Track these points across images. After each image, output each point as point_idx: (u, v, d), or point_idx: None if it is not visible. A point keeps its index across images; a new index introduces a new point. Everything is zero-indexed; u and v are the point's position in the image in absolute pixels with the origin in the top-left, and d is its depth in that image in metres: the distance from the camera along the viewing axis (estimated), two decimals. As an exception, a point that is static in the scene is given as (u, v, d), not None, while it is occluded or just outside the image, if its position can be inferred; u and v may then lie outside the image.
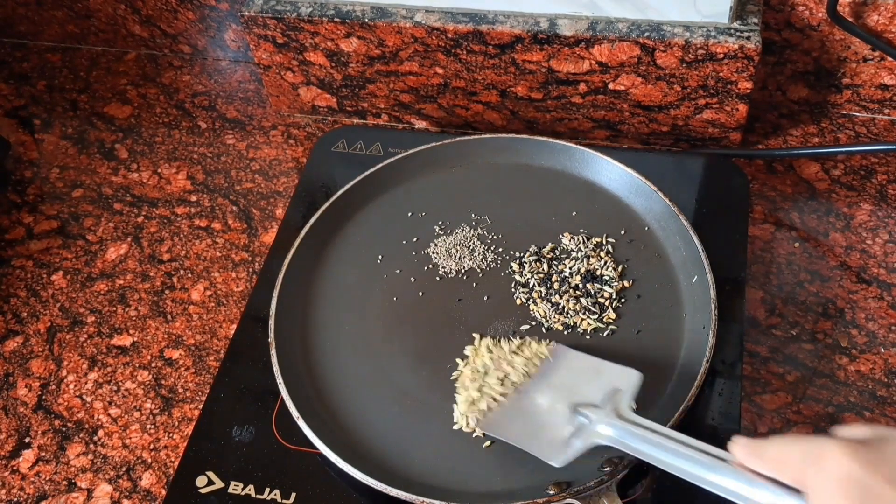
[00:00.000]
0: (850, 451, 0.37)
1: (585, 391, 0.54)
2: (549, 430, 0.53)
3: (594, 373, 0.56)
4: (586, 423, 0.52)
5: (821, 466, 0.37)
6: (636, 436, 0.49)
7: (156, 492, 0.61)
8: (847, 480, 0.36)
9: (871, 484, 0.36)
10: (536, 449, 0.53)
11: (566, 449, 0.52)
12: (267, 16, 0.78)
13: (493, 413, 0.57)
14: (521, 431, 0.55)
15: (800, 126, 0.80)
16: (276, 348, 0.61)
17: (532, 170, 0.73)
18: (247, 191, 0.80)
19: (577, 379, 0.56)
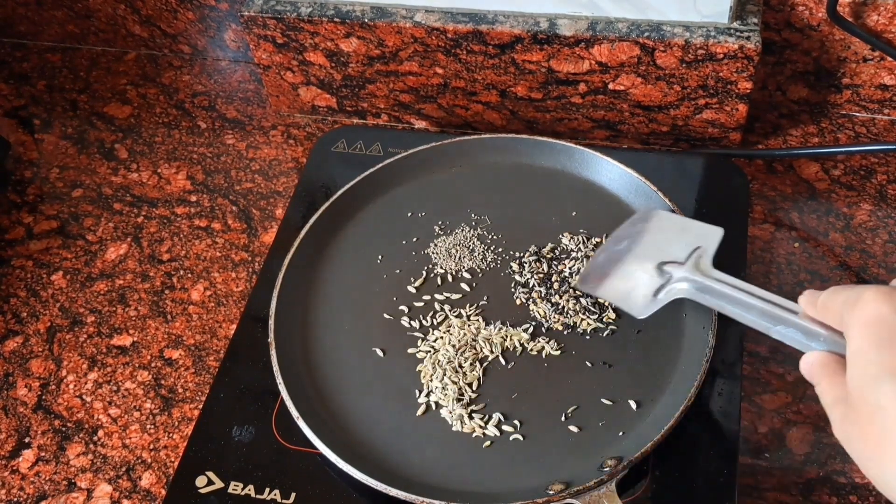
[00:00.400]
0: (882, 295, 0.39)
1: (671, 250, 0.57)
2: (636, 287, 0.57)
3: (680, 231, 0.59)
4: (668, 280, 0.56)
5: (855, 308, 0.40)
6: (712, 289, 0.52)
7: (156, 492, 0.61)
8: (874, 320, 0.39)
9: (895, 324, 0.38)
10: (624, 304, 0.58)
11: (651, 303, 0.56)
12: (267, 16, 0.79)
13: (591, 263, 0.62)
14: (612, 287, 0.59)
15: (800, 126, 0.80)
16: (276, 348, 0.61)
17: (532, 170, 0.73)
18: (247, 191, 0.80)
19: (665, 238, 0.59)
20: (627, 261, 0.59)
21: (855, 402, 0.39)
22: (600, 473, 0.53)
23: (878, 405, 0.37)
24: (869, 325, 0.39)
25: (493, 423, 0.58)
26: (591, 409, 0.58)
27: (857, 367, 0.39)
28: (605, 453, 0.55)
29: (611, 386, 0.59)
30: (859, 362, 0.39)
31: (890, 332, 0.38)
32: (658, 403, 0.58)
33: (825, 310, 0.44)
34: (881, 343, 0.38)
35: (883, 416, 0.37)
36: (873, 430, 0.38)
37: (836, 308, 0.43)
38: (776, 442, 0.60)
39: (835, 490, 0.57)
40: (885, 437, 0.37)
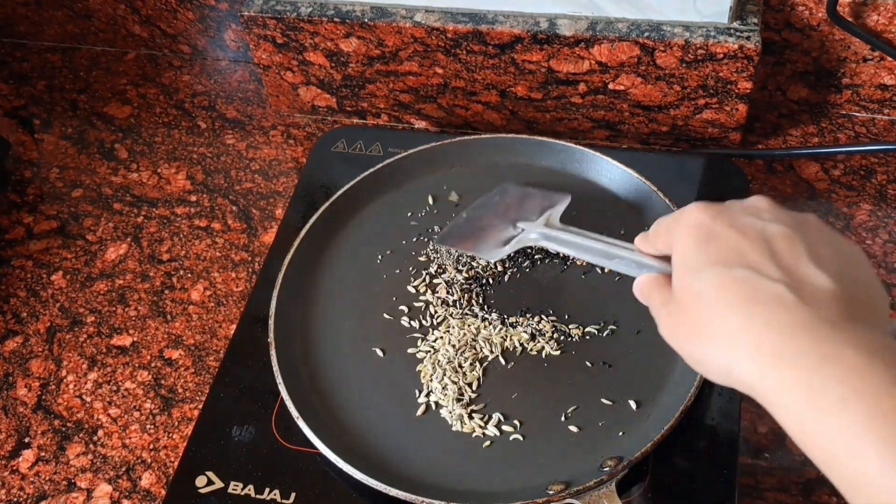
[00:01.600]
0: (701, 206, 0.44)
1: (524, 210, 0.63)
2: (491, 237, 0.62)
3: (534, 197, 0.64)
4: (521, 232, 0.61)
5: (678, 221, 0.45)
6: (556, 237, 0.58)
7: (155, 492, 0.61)
8: (696, 226, 0.44)
9: (713, 226, 0.43)
10: (477, 251, 0.63)
11: (502, 249, 0.61)
12: (267, 16, 0.79)
13: (449, 226, 0.67)
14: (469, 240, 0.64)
15: (800, 126, 0.80)
16: (275, 348, 0.61)
17: (532, 170, 0.73)
18: (246, 191, 0.80)
19: (518, 201, 0.65)
20: (485, 220, 0.64)
21: (678, 296, 0.44)
22: (600, 473, 0.53)
23: (698, 293, 0.42)
24: (690, 230, 0.44)
25: (493, 423, 0.58)
26: (591, 409, 0.58)
27: (680, 266, 0.44)
28: (605, 453, 0.55)
29: (611, 386, 0.59)
30: (683, 263, 0.44)
31: (708, 233, 0.43)
32: (658, 403, 0.58)
33: (655, 237, 0.48)
34: (700, 242, 0.43)
35: (701, 301, 0.41)
36: (692, 316, 0.42)
37: (663, 230, 0.47)
38: (776, 442, 0.60)
39: (835, 490, 0.57)
40: (702, 319, 0.41)
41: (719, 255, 0.42)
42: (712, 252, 0.42)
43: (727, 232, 0.42)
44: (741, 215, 0.43)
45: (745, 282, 0.40)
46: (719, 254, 0.42)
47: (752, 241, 0.42)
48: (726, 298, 0.40)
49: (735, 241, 0.42)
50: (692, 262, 0.43)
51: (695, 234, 0.43)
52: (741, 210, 0.44)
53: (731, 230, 0.42)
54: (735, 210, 0.44)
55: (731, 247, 0.42)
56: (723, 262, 0.41)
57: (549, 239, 0.58)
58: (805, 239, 0.42)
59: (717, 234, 0.43)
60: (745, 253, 0.41)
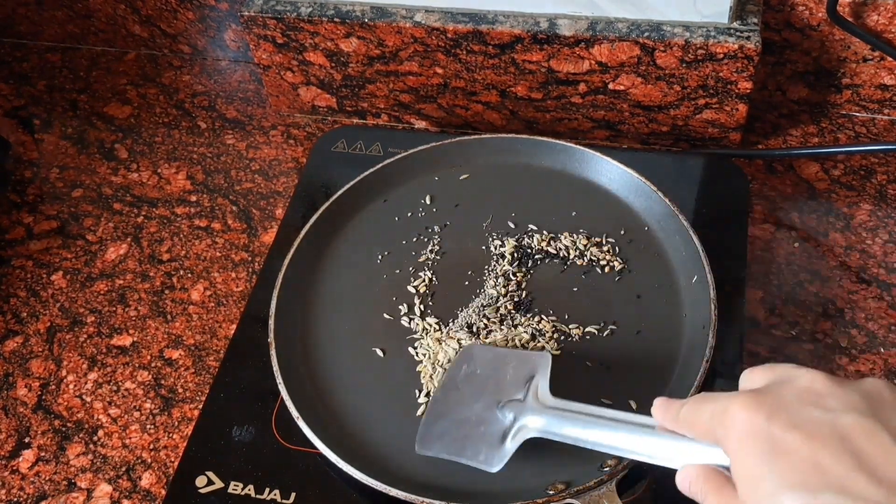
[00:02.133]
0: (750, 404, 0.38)
1: (503, 386, 0.54)
2: (479, 437, 0.53)
3: (505, 363, 0.55)
4: (512, 421, 0.52)
5: (726, 425, 0.39)
6: (562, 420, 0.50)
7: (155, 492, 0.61)
8: (751, 434, 0.37)
9: (773, 433, 0.36)
10: (473, 458, 0.53)
11: (500, 452, 0.52)
12: (267, 16, 0.79)
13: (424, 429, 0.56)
14: (454, 445, 0.54)
15: (800, 126, 0.80)
16: (275, 348, 0.61)
17: (532, 170, 0.73)
18: (247, 191, 0.80)
19: (493, 374, 0.55)
20: (462, 410, 0.54)
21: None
22: (600, 473, 0.53)
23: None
24: (746, 439, 0.37)
25: (493, 423, 0.58)
26: (591, 409, 0.58)
27: (749, 487, 0.37)
28: (606, 453, 0.55)
29: (611, 386, 0.59)
30: (750, 482, 0.37)
31: (769, 443, 0.37)
32: (658, 403, 0.58)
33: (690, 425, 0.42)
34: (764, 456, 0.37)
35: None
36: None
37: (704, 424, 0.41)
38: (776, 442, 0.60)
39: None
40: None
41: (795, 475, 0.35)
42: (784, 470, 0.35)
43: (792, 438, 0.36)
44: (800, 408, 0.37)
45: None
46: (794, 473, 0.35)
47: (828, 445, 0.35)
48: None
49: (807, 450, 0.35)
50: (763, 485, 0.36)
51: (754, 445, 0.37)
52: (797, 399, 0.37)
53: (796, 435, 0.36)
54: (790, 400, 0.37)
55: (806, 460, 0.35)
56: (803, 486, 0.35)
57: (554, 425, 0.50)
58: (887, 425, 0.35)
59: (781, 444, 0.36)
60: (825, 467, 0.35)
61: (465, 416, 0.54)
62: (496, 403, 0.54)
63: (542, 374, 0.54)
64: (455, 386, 0.56)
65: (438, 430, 0.55)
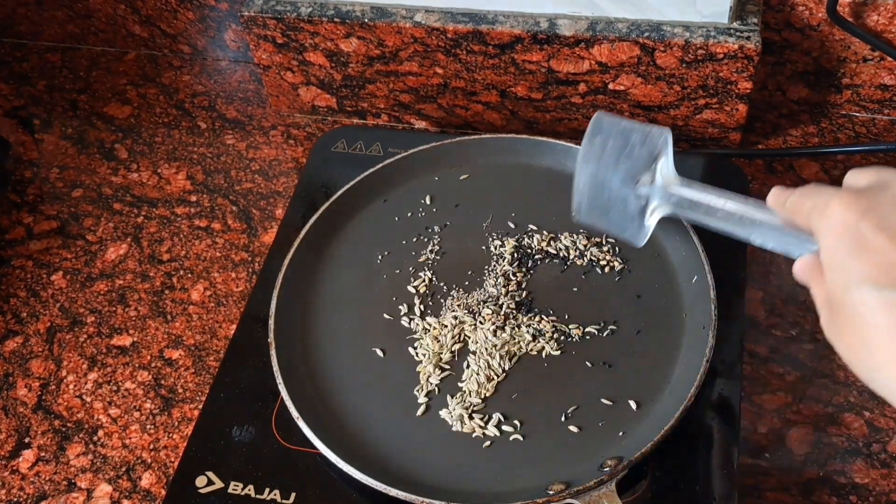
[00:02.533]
0: (848, 201, 0.42)
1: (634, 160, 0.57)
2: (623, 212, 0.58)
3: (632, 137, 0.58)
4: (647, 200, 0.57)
5: (823, 215, 0.43)
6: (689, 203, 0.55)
7: (155, 492, 0.61)
8: (842, 228, 0.41)
9: (861, 231, 0.41)
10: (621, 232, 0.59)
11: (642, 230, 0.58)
12: (267, 16, 0.79)
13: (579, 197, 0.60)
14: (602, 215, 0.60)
15: (800, 126, 0.80)
16: (275, 348, 0.61)
17: (532, 170, 0.73)
18: (247, 191, 0.80)
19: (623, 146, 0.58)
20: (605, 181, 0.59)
21: (835, 306, 0.42)
22: (600, 473, 0.53)
23: (853, 311, 0.40)
24: (837, 231, 0.42)
25: (493, 423, 0.58)
26: (591, 409, 0.58)
27: (831, 274, 0.42)
28: (605, 453, 0.55)
29: (611, 386, 0.59)
30: (834, 270, 0.42)
31: (857, 240, 0.41)
32: (658, 403, 0.58)
33: (794, 213, 0.47)
34: (850, 251, 0.41)
35: (859, 321, 0.40)
36: (852, 333, 0.41)
37: (805, 212, 0.45)
38: (776, 442, 0.60)
39: (835, 490, 0.57)
40: (862, 339, 0.40)
41: (870, 269, 0.40)
42: (864, 265, 0.40)
43: (877, 239, 0.40)
44: (891, 212, 0.41)
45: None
46: (870, 268, 0.40)
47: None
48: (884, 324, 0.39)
49: (887, 250, 0.39)
50: (843, 273, 0.41)
51: (842, 239, 0.41)
52: (892, 203, 0.41)
53: (881, 236, 0.40)
54: (884, 204, 0.41)
55: (883, 258, 0.40)
56: (875, 280, 0.39)
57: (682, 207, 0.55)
58: None
59: (866, 242, 0.40)
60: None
61: (609, 187, 0.59)
62: (632, 179, 0.57)
63: (666, 153, 0.57)
64: (592, 156, 0.59)
65: (587, 199, 0.60)
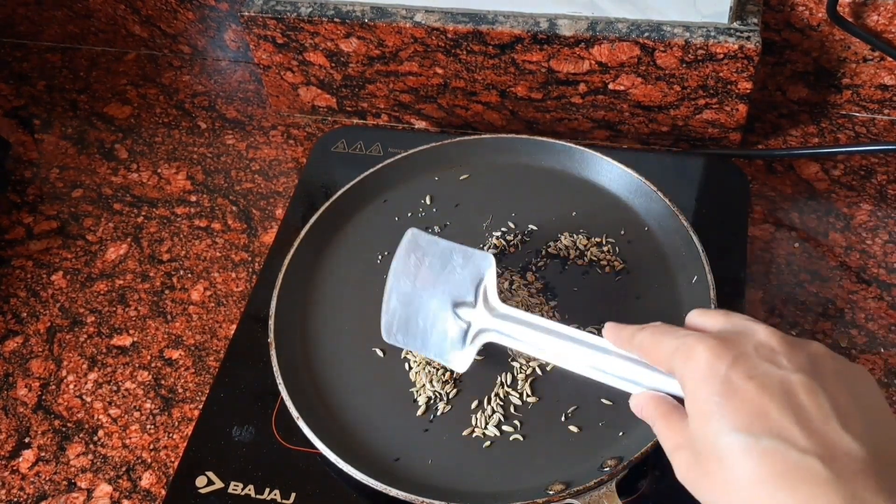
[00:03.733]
0: (714, 347, 0.42)
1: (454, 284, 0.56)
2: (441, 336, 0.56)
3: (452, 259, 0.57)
4: (468, 325, 0.56)
5: (689, 361, 0.43)
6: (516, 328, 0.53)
7: (156, 492, 0.61)
8: (711, 376, 0.42)
9: (731, 378, 0.41)
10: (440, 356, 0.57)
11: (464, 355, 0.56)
12: (267, 16, 0.79)
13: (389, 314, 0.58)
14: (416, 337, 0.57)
15: (800, 126, 0.80)
16: (275, 348, 0.61)
17: (532, 170, 0.73)
18: (247, 191, 0.80)
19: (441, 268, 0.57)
20: (421, 302, 0.57)
21: (701, 452, 0.41)
22: (600, 473, 0.53)
23: (723, 458, 0.40)
24: (705, 377, 0.42)
25: (493, 424, 0.58)
26: (591, 409, 0.58)
27: (699, 420, 0.42)
28: (605, 453, 0.55)
29: (611, 386, 0.59)
30: (702, 417, 0.41)
31: (726, 386, 0.41)
32: (658, 403, 0.58)
33: (646, 352, 0.46)
34: (720, 398, 0.41)
35: (727, 468, 0.40)
36: (717, 479, 0.40)
37: (664, 355, 0.45)
38: (776, 442, 0.60)
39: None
40: (728, 486, 0.39)
41: (742, 417, 0.40)
42: (734, 413, 0.40)
43: (747, 387, 0.40)
44: (758, 362, 0.41)
45: (774, 454, 0.38)
46: (742, 416, 0.40)
47: (775, 398, 0.40)
48: (755, 471, 0.38)
49: (757, 399, 0.40)
50: (714, 422, 0.41)
51: (712, 386, 0.41)
52: (756, 354, 0.42)
53: (750, 385, 0.40)
54: (750, 355, 0.42)
55: (755, 408, 0.40)
56: (748, 428, 0.39)
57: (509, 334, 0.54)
58: (826, 389, 0.40)
59: (736, 391, 0.41)
60: (769, 415, 0.39)
61: (423, 308, 0.57)
62: (450, 303, 0.56)
63: (489, 277, 0.56)
64: (407, 273, 0.58)
65: (399, 319, 0.58)
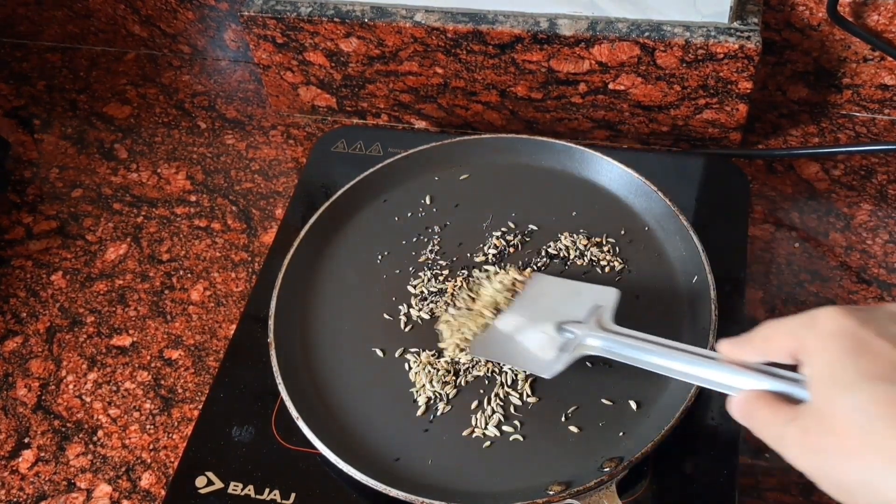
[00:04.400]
0: (843, 309, 0.40)
1: (568, 310, 0.56)
2: (537, 348, 0.56)
3: (575, 294, 0.58)
4: (572, 338, 0.55)
5: (815, 326, 0.41)
6: (621, 343, 0.52)
7: (155, 492, 0.61)
8: (840, 333, 0.39)
9: (862, 335, 0.39)
10: (525, 364, 0.56)
11: (556, 362, 0.54)
12: (266, 16, 0.78)
13: (480, 336, 0.59)
14: (510, 350, 0.57)
15: (800, 126, 0.80)
16: (275, 348, 0.61)
17: (532, 170, 0.73)
18: (246, 191, 0.80)
19: (559, 300, 0.58)
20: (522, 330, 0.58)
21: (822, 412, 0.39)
22: (600, 474, 0.53)
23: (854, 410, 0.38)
24: (833, 338, 0.40)
25: (493, 424, 0.58)
26: (591, 409, 0.58)
27: (825, 378, 0.40)
28: (605, 453, 0.55)
29: (611, 386, 0.59)
30: (830, 371, 0.39)
31: (857, 343, 0.39)
32: (658, 403, 0.58)
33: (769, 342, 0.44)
34: (849, 352, 0.39)
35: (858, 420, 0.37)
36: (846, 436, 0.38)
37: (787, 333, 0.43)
38: (776, 442, 0.60)
39: (835, 490, 0.57)
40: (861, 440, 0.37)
41: (876, 369, 0.38)
42: (867, 365, 0.38)
43: (880, 343, 0.39)
44: (889, 324, 0.40)
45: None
46: (876, 368, 0.38)
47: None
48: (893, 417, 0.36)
49: (891, 352, 0.38)
50: (842, 375, 0.39)
51: (841, 344, 0.39)
52: (888, 318, 0.40)
53: (883, 341, 0.39)
54: (881, 317, 0.40)
55: (890, 360, 0.38)
56: (882, 378, 0.37)
57: (613, 346, 0.53)
58: None
59: (868, 345, 0.39)
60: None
61: (526, 330, 0.57)
62: (558, 323, 0.56)
63: (608, 304, 0.56)
64: (520, 309, 0.59)
65: (497, 337, 0.58)
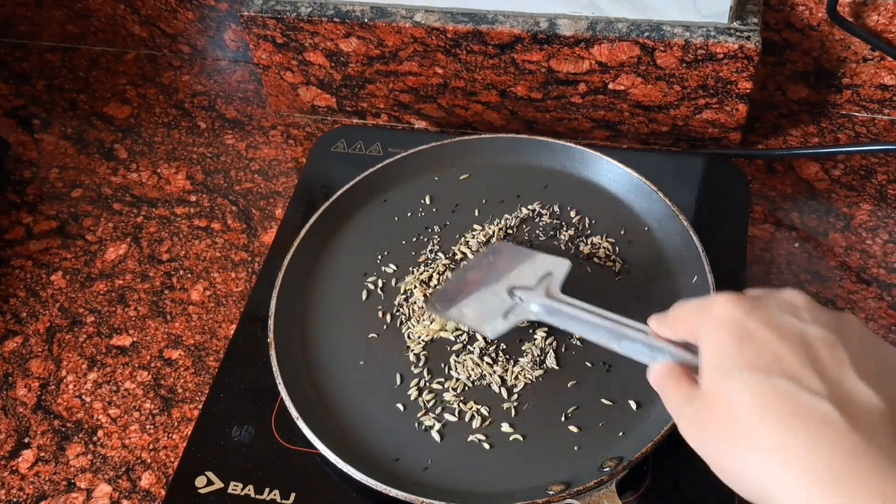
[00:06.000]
0: (734, 298, 0.42)
1: (521, 277, 0.59)
2: (487, 309, 0.58)
3: (530, 262, 0.60)
4: (519, 302, 0.57)
5: (708, 312, 0.42)
6: (560, 311, 0.54)
7: (155, 492, 0.61)
8: (729, 322, 0.41)
9: (749, 325, 0.40)
10: (474, 322, 0.58)
11: (501, 323, 0.57)
12: (266, 16, 0.78)
13: (441, 288, 0.63)
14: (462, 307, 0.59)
15: (800, 126, 0.80)
16: (275, 348, 0.61)
17: (532, 170, 0.73)
18: (246, 191, 0.80)
19: (515, 266, 0.60)
20: (477, 286, 0.60)
21: (709, 397, 0.41)
22: (600, 474, 0.53)
23: (733, 398, 0.39)
24: (723, 324, 0.41)
25: (494, 424, 0.58)
26: (591, 409, 0.58)
27: (712, 362, 0.41)
28: (605, 453, 0.55)
29: (611, 386, 0.59)
30: (715, 357, 0.41)
31: (743, 331, 0.40)
32: (658, 403, 0.57)
33: (676, 320, 0.46)
34: (734, 340, 0.40)
35: (737, 409, 0.39)
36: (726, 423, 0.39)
37: (689, 315, 0.45)
38: (776, 442, 0.60)
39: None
40: (737, 428, 0.39)
41: (757, 358, 0.39)
42: (749, 354, 0.39)
43: (764, 332, 0.40)
44: (778, 313, 0.41)
45: (787, 394, 0.37)
46: (757, 357, 0.39)
47: (791, 344, 0.39)
48: (766, 410, 0.38)
49: (773, 343, 0.39)
50: (726, 361, 0.40)
51: (728, 331, 0.41)
52: (777, 307, 0.41)
53: (768, 330, 0.40)
54: (771, 306, 0.41)
55: (770, 350, 0.39)
56: (761, 368, 0.39)
57: (552, 312, 0.55)
58: (847, 345, 0.39)
59: (753, 334, 0.40)
60: (784, 359, 0.39)
61: (479, 292, 0.59)
62: (509, 287, 0.58)
63: (558, 273, 0.58)
64: (475, 266, 0.63)
65: (450, 296, 0.61)
